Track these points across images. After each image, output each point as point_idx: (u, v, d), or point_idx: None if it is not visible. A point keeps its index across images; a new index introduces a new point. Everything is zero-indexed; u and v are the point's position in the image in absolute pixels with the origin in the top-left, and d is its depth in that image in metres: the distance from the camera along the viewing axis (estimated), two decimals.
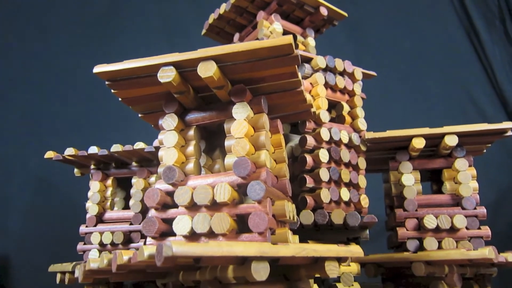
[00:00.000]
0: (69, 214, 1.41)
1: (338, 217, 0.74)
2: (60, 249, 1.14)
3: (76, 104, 1.67)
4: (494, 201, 1.75)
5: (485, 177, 1.71)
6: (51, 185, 1.64)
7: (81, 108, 1.66)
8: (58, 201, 1.62)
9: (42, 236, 1.55)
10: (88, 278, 0.58)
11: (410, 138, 0.80)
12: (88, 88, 1.63)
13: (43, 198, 1.63)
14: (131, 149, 0.87)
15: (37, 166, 1.63)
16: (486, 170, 1.73)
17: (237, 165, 0.54)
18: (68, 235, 1.11)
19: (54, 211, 1.59)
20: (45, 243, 1.54)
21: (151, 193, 0.56)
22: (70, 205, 1.53)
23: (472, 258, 0.65)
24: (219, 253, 0.42)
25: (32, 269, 1.48)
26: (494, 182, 1.74)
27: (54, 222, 1.56)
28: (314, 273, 0.54)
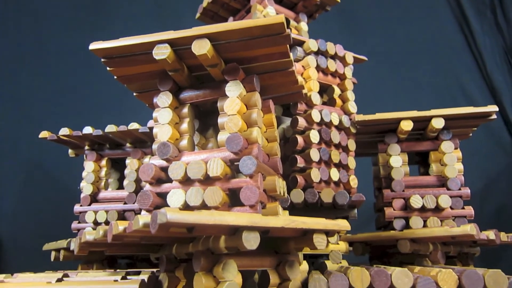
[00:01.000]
0: (61, 197, 1.42)
1: (327, 196, 0.76)
2: (52, 232, 1.15)
3: (70, 86, 1.67)
4: (482, 189, 1.79)
5: (474, 165, 1.75)
6: (43, 168, 1.65)
7: (74, 91, 1.66)
8: (50, 184, 1.63)
9: (34, 219, 1.56)
10: (83, 250, 0.60)
11: (398, 120, 0.82)
12: (81, 71, 1.63)
13: (35, 182, 1.64)
14: (125, 130, 0.88)
15: (29, 150, 1.63)
16: (474, 158, 1.77)
17: (230, 141, 0.55)
18: (60, 219, 1.12)
19: (46, 194, 1.60)
20: (37, 226, 1.56)
21: (145, 167, 0.58)
22: (62, 189, 1.55)
23: (455, 234, 0.68)
24: (211, 221, 0.44)
25: (25, 251, 1.50)
26: (483, 170, 1.78)
27: (46, 205, 1.57)
28: (303, 246, 0.57)
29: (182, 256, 0.59)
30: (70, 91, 1.65)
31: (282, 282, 0.58)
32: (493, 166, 1.84)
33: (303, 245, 0.56)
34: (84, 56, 1.54)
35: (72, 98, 1.64)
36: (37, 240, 1.12)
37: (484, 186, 1.82)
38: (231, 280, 0.51)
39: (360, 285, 0.52)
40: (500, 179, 1.84)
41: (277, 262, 0.59)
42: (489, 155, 1.84)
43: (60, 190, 1.54)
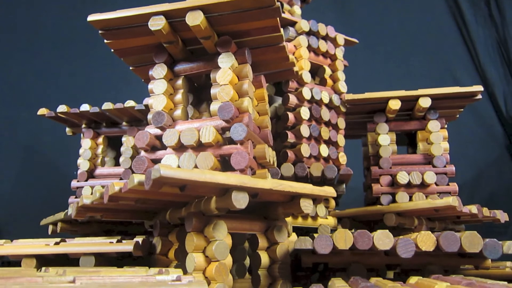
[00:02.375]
0: (58, 180, 1.44)
1: (316, 170, 0.79)
2: (50, 213, 1.17)
3: (67, 69, 1.68)
4: (472, 178, 1.82)
5: (465, 155, 1.78)
6: (40, 151, 1.66)
7: (72, 75, 1.67)
8: (47, 167, 1.65)
9: (31, 202, 1.58)
10: (81, 214, 0.62)
11: (387, 100, 0.85)
12: (78, 51, 1.65)
13: (32, 165, 1.66)
14: (121, 107, 0.90)
15: (27, 132, 1.65)
16: (466, 148, 1.80)
17: (222, 109, 0.58)
18: (57, 202, 1.15)
19: (43, 177, 1.62)
20: (35, 209, 1.57)
21: (141, 135, 0.60)
22: (59, 172, 1.57)
23: (438, 206, 0.71)
24: (202, 179, 0.47)
25: (23, 232, 1.52)
26: (474, 160, 1.81)
27: (43, 188, 1.59)
28: (290, 211, 0.59)
29: (175, 221, 0.62)
30: (68, 72, 1.67)
31: (270, 246, 0.61)
32: (484, 156, 1.87)
33: (290, 210, 0.59)
34: (81, 36, 1.56)
35: (69, 79, 1.66)
36: (35, 222, 1.14)
37: (475, 176, 1.85)
38: (221, 240, 0.54)
39: (344, 245, 0.54)
40: (491, 169, 1.87)
41: (266, 227, 0.61)
42: (480, 145, 1.87)
43: (57, 174, 1.56)
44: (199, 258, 0.53)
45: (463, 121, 1.85)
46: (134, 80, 1.11)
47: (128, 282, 0.40)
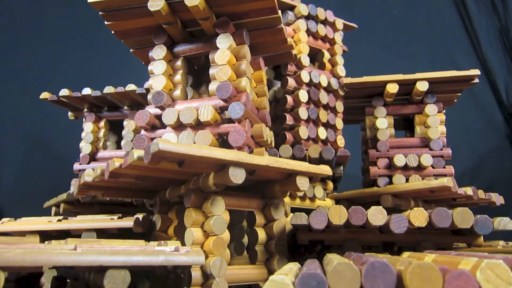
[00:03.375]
0: (60, 166, 1.46)
1: (314, 152, 0.80)
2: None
3: (69, 56, 1.69)
4: (473, 167, 1.83)
5: (466, 144, 1.79)
6: (42, 139, 1.68)
7: (74, 61, 1.68)
8: (49, 155, 1.67)
9: (34, 188, 1.60)
10: (83, 192, 0.64)
11: (384, 83, 0.86)
12: (79, 35, 1.66)
13: (34, 152, 1.68)
14: (122, 91, 0.91)
15: (29, 121, 1.67)
16: (466, 137, 1.81)
17: (220, 88, 0.59)
18: (59, 186, 1.16)
19: (45, 164, 1.64)
20: (37, 194, 1.60)
21: (141, 114, 0.62)
22: (60, 159, 1.59)
23: (433, 186, 0.72)
24: (200, 153, 0.48)
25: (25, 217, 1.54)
26: (474, 149, 1.82)
27: (46, 175, 1.61)
28: (287, 189, 0.61)
29: (174, 199, 0.63)
30: (70, 58, 1.68)
31: (267, 223, 0.63)
32: (484, 145, 1.88)
33: (287, 188, 0.60)
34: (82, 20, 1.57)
35: (71, 65, 1.67)
36: (38, 206, 1.16)
37: (475, 164, 1.86)
38: (219, 215, 0.55)
39: (338, 220, 0.56)
40: (491, 157, 1.88)
41: (263, 205, 0.63)
42: (481, 134, 1.87)
43: (60, 159, 1.58)
44: (197, 232, 0.55)
45: (464, 109, 1.86)
46: (135, 66, 1.12)
47: (127, 249, 0.42)
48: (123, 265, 0.40)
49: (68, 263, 0.38)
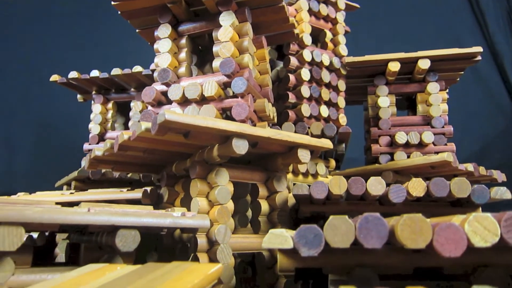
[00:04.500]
0: (70, 151, 1.50)
1: (316, 129, 0.82)
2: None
3: (77, 41, 1.72)
4: (479, 151, 1.83)
5: (473, 127, 1.79)
6: (52, 124, 1.72)
7: (83, 47, 1.71)
8: (59, 139, 1.70)
9: (46, 170, 1.64)
10: (93, 166, 0.66)
11: (386, 62, 0.87)
12: (86, 20, 1.68)
13: (45, 136, 1.72)
14: (129, 73, 0.93)
15: (39, 108, 1.70)
16: (473, 121, 1.81)
17: (223, 64, 0.61)
18: (69, 168, 1.20)
19: (56, 147, 1.67)
20: (49, 176, 1.64)
21: (147, 90, 0.64)
22: (70, 142, 1.62)
23: (433, 161, 0.73)
24: (204, 124, 0.50)
25: None
26: (481, 132, 1.82)
27: (56, 158, 1.64)
28: (289, 161, 0.63)
29: (180, 173, 0.65)
30: (78, 43, 1.70)
31: (270, 195, 0.65)
32: (491, 128, 1.88)
33: (289, 160, 0.62)
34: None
35: (79, 48, 1.69)
36: (50, 187, 1.19)
37: (482, 147, 1.86)
38: (223, 185, 0.57)
39: (338, 190, 0.58)
40: (498, 140, 1.88)
41: (266, 178, 0.65)
42: (488, 117, 1.87)
43: (69, 142, 1.61)
44: (203, 202, 0.57)
45: (471, 92, 1.86)
46: (141, 48, 1.14)
47: (137, 212, 0.44)
48: (133, 225, 0.43)
49: (82, 222, 0.40)
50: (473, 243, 0.31)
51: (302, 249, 0.33)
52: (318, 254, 0.33)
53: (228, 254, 0.56)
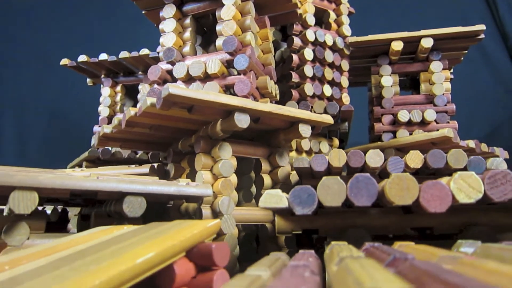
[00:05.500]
0: (80, 137, 1.53)
1: (319, 107, 0.83)
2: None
3: (85, 27, 1.74)
4: (488, 134, 1.83)
5: (481, 112, 1.78)
6: (62, 110, 1.76)
7: (91, 32, 1.73)
8: (69, 125, 1.74)
9: (57, 155, 1.68)
10: (102, 143, 0.69)
11: (389, 41, 0.88)
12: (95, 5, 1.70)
13: (56, 123, 1.76)
14: (137, 55, 0.96)
15: (50, 95, 1.74)
16: (481, 105, 1.80)
17: (226, 42, 0.63)
18: (81, 153, 1.23)
19: (67, 134, 1.72)
20: (60, 161, 1.68)
21: (153, 69, 0.66)
22: (80, 128, 1.66)
23: (434, 137, 0.75)
24: (207, 98, 0.52)
25: None
26: (489, 117, 1.81)
27: (68, 144, 1.69)
28: (290, 136, 0.64)
29: (186, 149, 0.68)
30: (85, 27, 1.73)
31: (272, 169, 0.67)
32: (500, 112, 1.87)
33: (290, 136, 0.64)
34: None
35: (87, 33, 1.72)
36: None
37: (491, 132, 1.86)
38: (226, 159, 0.59)
39: (338, 163, 0.60)
40: (507, 123, 1.87)
41: (268, 153, 0.67)
42: (497, 101, 1.86)
43: (79, 129, 1.65)
44: (207, 175, 0.59)
45: (480, 76, 1.84)
46: (148, 32, 1.16)
47: (143, 180, 0.47)
48: (139, 192, 0.45)
49: (92, 188, 0.43)
50: (457, 200, 0.33)
51: (296, 208, 0.35)
52: (314, 216, 0.35)
53: (232, 224, 0.58)
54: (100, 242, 0.33)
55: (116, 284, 0.24)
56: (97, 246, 0.31)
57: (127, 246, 0.30)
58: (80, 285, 0.22)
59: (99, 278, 0.23)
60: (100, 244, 0.32)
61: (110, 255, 0.28)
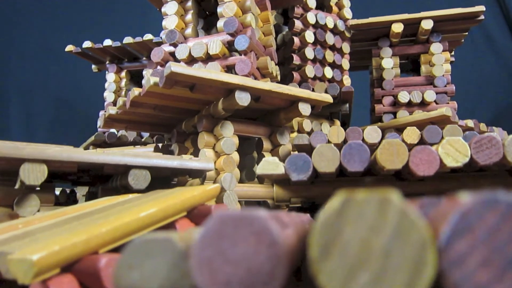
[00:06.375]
0: (86, 126, 1.56)
1: (320, 89, 0.84)
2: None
3: (91, 14, 1.76)
4: (492, 119, 1.83)
5: (485, 97, 1.78)
6: (70, 101, 1.78)
7: (95, 19, 1.75)
8: (77, 116, 1.77)
9: (65, 142, 1.71)
10: (108, 125, 0.71)
11: (390, 23, 0.89)
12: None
13: (63, 112, 1.79)
14: (140, 41, 0.97)
15: (56, 82, 1.77)
16: (486, 90, 1.80)
17: (227, 23, 0.64)
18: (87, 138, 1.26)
19: (73, 121, 1.74)
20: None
21: (156, 51, 0.68)
22: (86, 119, 1.69)
23: (432, 116, 0.76)
24: (208, 76, 0.54)
25: None
26: (493, 101, 1.81)
27: (74, 130, 1.71)
28: (291, 115, 0.66)
29: (189, 130, 0.70)
30: (91, 13, 1.74)
31: (274, 148, 0.69)
32: (505, 96, 1.86)
33: (291, 114, 0.66)
34: None
35: (92, 19, 1.74)
36: None
37: (496, 116, 1.85)
38: (228, 137, 0.61)
39: (336, 139, 0.61)
40: (511, 109, 1.87)
41: (270, 132, 0.69)
42: (502, 85, 1.86)
43: (85, 118, 1.68)
44: (210, 152, 0.61)
45: (485, 61, 1.84)
46: (151, 19, 1.17)
47: (147, 154, 0.49)
48: (144, 165, 0.47)
49: (98, 161, 0.45)
50: (445, 164, 0.35)
51: (292, 174, 0.37)
52: (311, 185, 0.37)
53: (234, 200, 0.60)
54: (107, 205, 0.35)
55: (121, 234, 0.26)
56: (104, 208, 0.33)
57: (132, 206, 0.32)
58: (88, 233, 0.24)
59: (105, 227, 0.25)
60: (107, 206, 0.34)
61: (116, 212, 0.30)
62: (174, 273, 0.12)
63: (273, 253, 0.11)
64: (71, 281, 0.24)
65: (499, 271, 0.09)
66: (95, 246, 0.25)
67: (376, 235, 0.10)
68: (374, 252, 0.10)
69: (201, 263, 0.11)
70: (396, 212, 0.11)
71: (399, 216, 0.10)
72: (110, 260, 0.24)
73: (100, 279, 0.23)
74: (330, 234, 0.10)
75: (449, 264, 0.10)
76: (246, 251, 0.11)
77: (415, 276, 0.10)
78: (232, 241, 0.11)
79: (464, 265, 0.10)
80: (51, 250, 0.22)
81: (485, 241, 0.10)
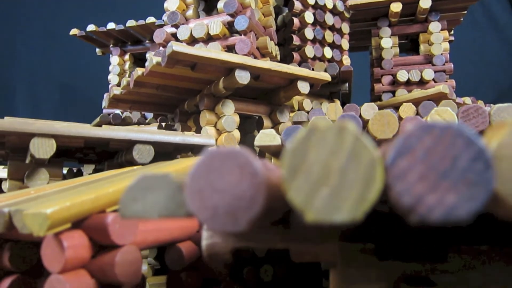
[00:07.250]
0: (91, 110, 1.58)
1: (319, 69, 0.86)
2: None
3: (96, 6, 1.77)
4: (494, 100, 1.82)
5: (487, 77, 1.78)
6: (74, 85, 1.81)
7: (99, 4, 1.76)
8: (81, 99, 1.80)
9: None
10: (112, 105, 0.73)
11: (388, 3, 0.89)
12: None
13: (66, 97, 1.81)
14: (143, 24, 0.99)
15: (61, 72, 1.79)
16: (488, 70, 1.80)
17: (227, 4, 0.65)
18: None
19: (79, 108, 1.77)
20: None
21: (158, 32, 0.69)
22: (91, 102, 1.71)
23: (430, 94, 0.77)
24: (208, 55, 0.56)
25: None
26: (496, 82, 1.81)
27: (80, 113, 1.74)
28: (290, 94, 0.68)
29: (192, 109, 0.72)
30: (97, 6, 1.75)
31: (274, 126, 0.70)
32: (507, 77, 1.86)
33: (290, 93, 0.68)
34: None
35: (95, 4, 1.75)
36: None
37: (497, 97, 1.85)
38: (229, 115, 0.63)
39: (334, 115, 0.63)
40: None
41: (270, 110, 0.70)
42: (504, 67, 1.85)
43: (89, 102, 1.70)
44: (211, 130, 0.63)
45: (488, 43, 1.83)
46: (155, 4, 1.18)
47: (151, 130, 0.51)
48: (147, 141, 0.49)
49: (104, 136, 0.47)
50: None
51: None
52: None
53: None
54: (114, 174, 0.37)
55: None
56: (112, 176, 0.36)
57: (137, 172, 0.34)
58: (96, 193, 0.26)
59: (112, 188, 0.27)
60: (114, 174, 0.36)
61: (122, 178, 0.32)
62: (171, 204, 0.15)
63: (254, 182, 0.13)
64: (81, 235, 0.26)
65: (433, 183, 0.11)
66: (102, 205, 0.27)
67: (335, 157, 0.12)
68: (333, 171, 0.12)
69: (193, 193, 0.13)
70: (352, 137, 0.13)
71: (354, 141, 0.12)
72: (117, 217, 0.26)
73: (108, 234, 0.26)
74: (297, 158, 0.12)
75: (393, 179, 0.12)
76: (231, 181, 0.13)
77: (366, 190, 0.12)
78: (219, 173, 0.13)
79: (405, 179, 0.12)
80: (63, 205, 0.24)
81: (423, 159, 0.12)
